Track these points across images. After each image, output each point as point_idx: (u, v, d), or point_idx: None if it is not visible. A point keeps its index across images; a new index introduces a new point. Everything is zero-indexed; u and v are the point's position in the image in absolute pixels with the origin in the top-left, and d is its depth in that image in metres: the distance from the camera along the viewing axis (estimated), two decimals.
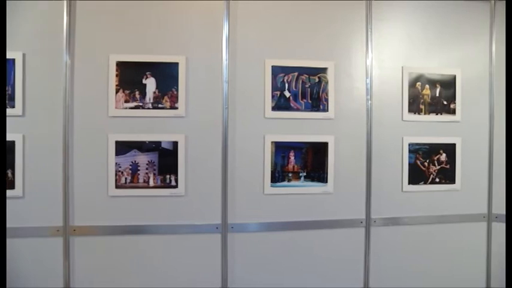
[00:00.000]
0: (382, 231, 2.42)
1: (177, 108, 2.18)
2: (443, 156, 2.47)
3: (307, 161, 2.32)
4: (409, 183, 2.43)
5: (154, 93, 2.16)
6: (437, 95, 2.45)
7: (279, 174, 2.29)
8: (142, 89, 2.16)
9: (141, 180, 2.17)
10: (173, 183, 2.19)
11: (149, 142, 2.17)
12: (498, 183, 2.52)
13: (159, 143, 2.18)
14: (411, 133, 2.43)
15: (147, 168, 2.17)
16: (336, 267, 2.38)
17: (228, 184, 2.23)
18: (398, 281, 2.47)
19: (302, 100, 2.31)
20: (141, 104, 2.15)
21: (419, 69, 2.43)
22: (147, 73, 2.16)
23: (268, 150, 2.27)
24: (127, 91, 2.14)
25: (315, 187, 2.33)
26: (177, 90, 2.18)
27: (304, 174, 2.32)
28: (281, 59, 2.28)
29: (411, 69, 2.42)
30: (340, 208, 2.36)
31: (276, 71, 2.27)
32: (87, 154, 2.13)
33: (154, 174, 2.18)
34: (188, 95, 2.19)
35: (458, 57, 2.49)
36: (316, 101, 2.32)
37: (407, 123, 2.42)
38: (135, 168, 2.16)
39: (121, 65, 2.13)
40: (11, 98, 2.05)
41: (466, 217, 2.51)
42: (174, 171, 2.19)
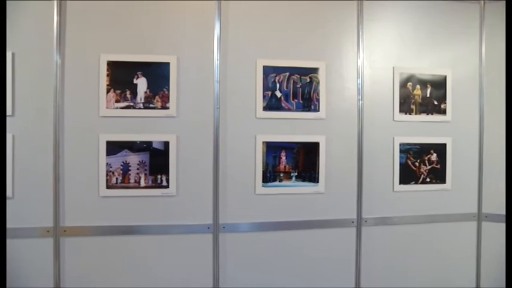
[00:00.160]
0: (373, 231, 2.42)
1: (168, 108, 2.17)
2: (434, 156, 2.48)
3: (299, 161, 2.32)
4: (400, 183, 2.44)
5: (146, 93, 2.16)
6: (428, 95, 2.47)
7: (270, 174, 2.29)
8: (134, 88, 2.15)
9: (132, 181, 2.16)
10: (164, 183, 2.18)
11: (140, 142, 2.16)
12: (488, 183, 2.53)
13: (150, 143, 2.17)
14: (402, 133, 2.44)
15: (138, 169, 2.16)
16: (327, 267, 2.38)
17: (219, 184, 2.23)
18: (390, 280, 2.48)
19: (293, 100, 2.31)
20: (132, 104, 2.14)
21: (410, 69, 2.44)
22: (138, 73, 2.15)
23: (260, 150, 2.27)
24: (118, 91, 2.13)
25: (306, 187, 2.33)
26: (168, 90, 2.17)
27: (296, 174, 2.32)
28: (272, 59, 2.28)
29: (402, 70, 2.43)
30: (331, 208, 2.37)
31: (267, 71, 2.27)
32: (78, 154, 2.11)
33: (146, 174, 2.17)
34: (179, 95, 2.19)
35: (449, 58, 2.51)
36: (308, 101, 2.32)
37: (398, 123, 2.43)
38: (126, 169, 2.15)
39: (112, 65, 2.12)
40: None
41: (457, 216, 2.53)
42: (165, 171, 2.18)
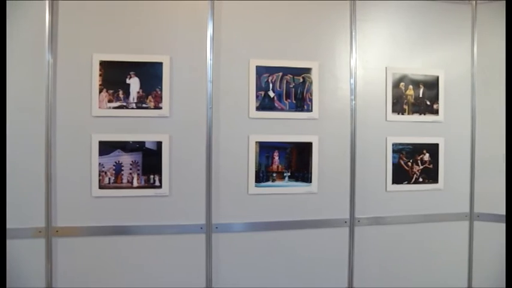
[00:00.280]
0: (366, 230, 2.43)
1: (161, 108, 2.17)
2: (427, 156, 2.49)
3: (292, 161, 2.32)
4: (393, 183, 2.45)
5: (138, 93, 2.15)
6: (421, 96, 2.48)
7: (263, 174, 2.29)
8: (126, 88, 2.14)
9: (125, 181, 2.15)
10: (157, 183, 2.18)
11: (133, 142, 2.15)
12: (480, 182, 2.55)
13: (143, 143, 2.16)
14: (395, 133, 2.45)
15: (130, 169, 2.15)
16: (320, 267, 2.39)
17: (212, 184, 2.22)
18: (383, 280, 2.48)
19: (286, 100, 2.31)
20: (124, 103, 2.14)
21: (403, 69, 2.45)
22: (131, 73, 2.14)
23: (253, 150, 2.27)
24: (111, 91, 2.12)
25: (299, 187, 2.33)
26: (161, 90, 2.17)
27: (289, 174, 2.32)
28: (265, 59, 2.28)
29: (395, 70, 2.44)
30: (324, 208, 2.37)
31: (260, 71, 2.27)
32: (70, 154, 2.10)
33: (138, 174, 2.16)
34: (172, 95, 2.18)
35: (441, 58, 2.52)
36: (301, 101, 2.33)
37: (391, 123, 2.44)
38: (118, 169, 2.14)
39: (104, 65, 2.11)
40: None
41: (449, 216, 2.54)
42: (158, 171, 2.18)
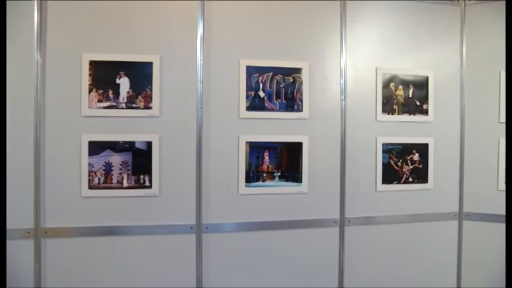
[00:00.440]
0: (356, 230, 2.43)
1: (151, 108, 2.16)
2: (416, 156, 2.50)
3: (282, 161, 2.32)
4: (383, 183, 2.46)
5: (128, 93, 2.14)
6: (411, 96, 2.49)
7: (253, 174, 2.29)
8: (116, 88, 2.13)
9: (115, 181, 2.14)
10: (147, 183, 2.17)
11: (123, 142, 2.14)
12: (469, 182, 2.56)
13: (133, 143, 2.15)
14: (385, 133, 2.45)
15: (120, 169, 2.15)
16: (310, 266, 2.39)
17: (202, 184, 2.22)
18: (373, 280, 2.49)
19: (276, 100, 2.31)
20: (114, 103, 2.13)
21: (392, 70, 2.46)
22: (121, 73, 2.13)
23: (243, 150, 2.27)
24: (100, 91, 2.11)
25: (290, 187, 2.33)
26: (151, 90, 2.16)
27: (279, 174, 2.32)
28: (256, 59, 2.28)
29: (385, 70, 2.45)
30: (314, 208, 2.37)
31: (250, 71, 2.27)
32: (59, 154, 2.09)
33: (128, 174, 2.15)
34: (162, 95, 2.17)
35: (430, 59, 2.53)
36: (291, 101, 2.33)
37: (381, 123, 2.45)
38: (108, 169, 2.13)
39: (94, 64, 2.10)
40: None
41: (438, 216, 2.55)
42: (148, 171, 2.17)
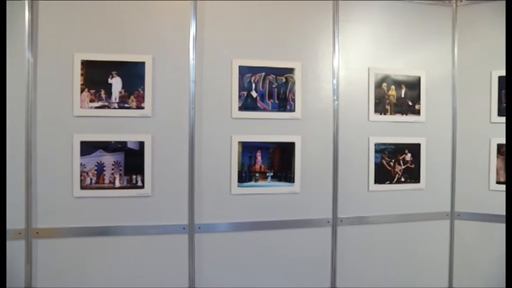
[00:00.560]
0: (348, 230, 2.44)
1: (143, 108, 2.15)
2: (409, 156, 2.51)
3: (274, 161, 2.32)
4: (375, 183, 2.46)
5: (120, 92, 2.14)
6: (403, 96, 2.50)
7: (246, 174, 2.29)
8: (108, 88, 2.12)
9: (107, 181, 2.14)
10: (139, 183, 2.16)
11: (115, 142, 2.14)
12: (460, 182, 2.57)
13: (125, 143, 2.15)
14: (377, 133, 2.46)
15: (113, 169, 2.14)
16: (303, 266, 2.39)
17: (194, 184, 2.22)
18: (365, 280, 2.49)
19: (269, 100, 2.31)
20: (106, 103, 2.12)
21: (385, 70, 2.47)
22: (113, 72, 2.13)
23: (235, 150, 2.26)
24: (92, 90, 2.10)
25: (282, 187, 2.34)
26: (144, 90, 2.15)
27: (271, 174, 2.32)
28: (248, 59, 2.27)
29: (377, 70, 2.45)
30: (307, 208, 2.38)
31: (243, 71, 2.27)
32: (51, 154, 2.07)
33: (120, 174, 2.15)
34: (155, 95, 2.17)
35: (422, 59, 2.54)
36: (283, 101, 2.33)
37: (373, 123, 2.46)
38: (100, 169, 2.13)
39: (86, 64, 2.09)
40: None
41: (430, 215, 2.56)
42: (140, 171, 2.16)
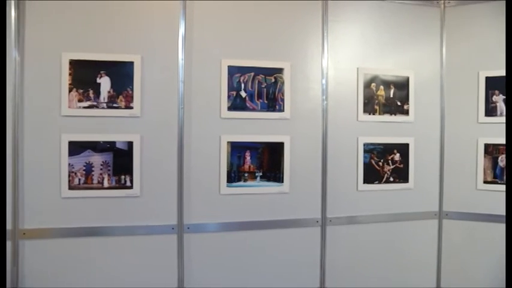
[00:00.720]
0: (337, 230, 2.44)
1: (132, 108, 2.15)
2: (397, 156, 2.52)
3: (263, 161, 2.33)
4: (364, 183, 2.47)
5: (109, 92, 2.12)
6: (392, 96, 2.51)
7: (235, 174, 2.29)
8: (97, 88, 2.11)
9: (95, 181, 2.12)
10: (128, 183, 2.16)
11: (103, 142, 2.12)
12: (448, 181, 2.59)
13: (114, 143, 2.14)
14: (366, 133, 2.47)
15: (101, 169, 2.13)
16: (292, 266, 2.39)
17: (183, 184, 2.21)
18: (354, 280, 2.50)
19: (258, 100, 2.31)
20: (95, 103, 2.11)
21: (374, 70, 2.48)
22: (102, 72, 2.11)
23: (224, 150, 2.26)
24: (81, 90, 2.09)
25: (271, 187, 2.34)
26: (132, 90, 2.14)
27: (260, 174, 2.32)
28: (237, 59, 2.27)
29: (366, 71, 2.46)
30: (296, 208, 2.38)
31: (232, 71, 2.27)
32: (39, 154, 2.06)
33: (109, 174, 2.14)
34: (143, 95, 2.16)
35: (411, 59, 2.56)
36: (272, 101, 2.33)
37: (362, 123, 2.47)
38: (89, 169, 2.11)
39: (74, 64, 2.08)
40: None
41: (419, 215, 2.58)
42: (129, 171, 2.15)
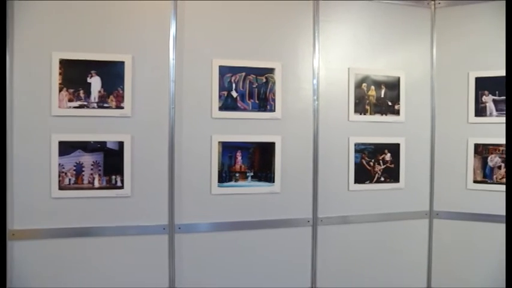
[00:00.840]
0: (328, 230, 2.45)
1: (122, 107, 2.14)
2: (388, 156, 2.53)
3: (254, 161, 2.33)
4: (355, 183, 2.48)
5: (100, 92, 2.12)
6: (383, 96, 2.52)
7: (226, 174, 2.29)
8: (87, 88, 2.10)
9: (86, 181, 2.12)
10: (119, 183, 2.15)
11: (94, 142, 2.12)
12: (439, 181, 2.60)
13: (105, 143, 2.13)
14: (357, 133, 2.48)
15: (92, 169, 2.12)
16: (283, 266, 2.40)
17: (174, 184, 2.21)
18: (345, 280, 2.51)
19: (249, 100, 2.31)
20: (85, 103, 2.10)
21: (365, 70, 2.49)
22: (92, 72, 2.11)
23: (215, 150, 2.26)
24: (71, 90, 2.08)
25: (262, 187, 2.34)
26: (123, 90, 2.14)
27: (251, 174, 2.32)
28: (228, 59, 2.27)
29: (357, 71, 2.47)
30: (287, 207, 2.38)
31: (223, 71, 2.27)
32: (29, 154, 2.04)
33: (100, 174, 2.13)
34: (134, 95, 2.15)
35: (402, 60, 2.57)
36: (263, 101, 2.33)
37: (353, 123, 2.47)
38: (79, 169, 2.11)
39: (65, 63, 2.07)
40: None
41: (409, 215, 2.59)
42: (119, 171, 2.15)
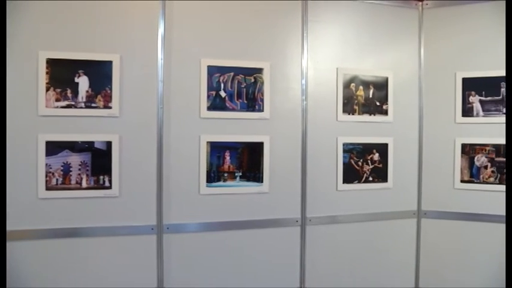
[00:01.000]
0: (317, 229, 2.46)
1: (110, 107, 2.13)
2: (376, 156, 2.55)
3: (243, 161, 2.33)
4: (344, 182, 2.49)
5: (87, 92, 2.11)
6: (371, 96, 2.53)
7: (214, 174, 2.29)
8: (75, 87, 2.09)
9: (74, 182, 2.11)
10: (107, 184, 2.14)
11: (82, 142, 2.11)
12: (427, 181, 2.62)
13: (92, 143, 2.12)
14: (345, 133, 2.49)
15: (79, 169, 2.11)
16: (272, 266, 2.40)
17: (163, 184, 2.20)
18: (334, 279, 2.52)
19: (238, 100, 2.31)
20: (73, 103, 2.09)
21: (353, 70, 2.50)
22: (80, 71, 2.09)
23: (204, 150, 2.26)
24: (58, 89, 2.07)
25: (251, 187, 2.34)
26: (111, 90, 2.13)
27: (240, 174, 2.33)
28: (217, 58, 2.27)
29: (346, 71, 2.48)
30: (275, 207, 2.39)
31: (211, 70, 2.26)
32: (15, 155, 2.02)
33: (87, 175, 2.12)
34: (122, 95, 2.15)
35: (390, 60, 2.58)
36: (252, 101, 2.34)
37: (341, 123, 2.48)
38: (67, 169, 2.09)
39: (51, 62, 2.05)
40: None
41: (398, 214, 2.60)
42: (107, 171, 2.14)
